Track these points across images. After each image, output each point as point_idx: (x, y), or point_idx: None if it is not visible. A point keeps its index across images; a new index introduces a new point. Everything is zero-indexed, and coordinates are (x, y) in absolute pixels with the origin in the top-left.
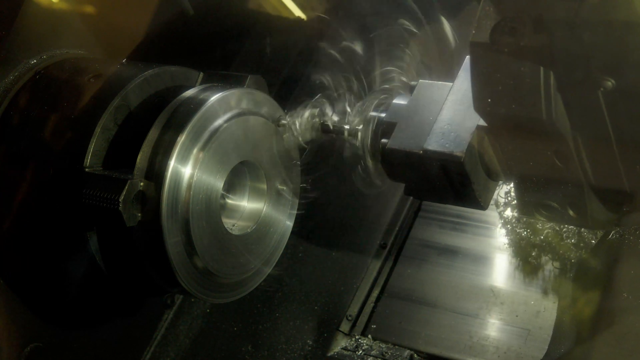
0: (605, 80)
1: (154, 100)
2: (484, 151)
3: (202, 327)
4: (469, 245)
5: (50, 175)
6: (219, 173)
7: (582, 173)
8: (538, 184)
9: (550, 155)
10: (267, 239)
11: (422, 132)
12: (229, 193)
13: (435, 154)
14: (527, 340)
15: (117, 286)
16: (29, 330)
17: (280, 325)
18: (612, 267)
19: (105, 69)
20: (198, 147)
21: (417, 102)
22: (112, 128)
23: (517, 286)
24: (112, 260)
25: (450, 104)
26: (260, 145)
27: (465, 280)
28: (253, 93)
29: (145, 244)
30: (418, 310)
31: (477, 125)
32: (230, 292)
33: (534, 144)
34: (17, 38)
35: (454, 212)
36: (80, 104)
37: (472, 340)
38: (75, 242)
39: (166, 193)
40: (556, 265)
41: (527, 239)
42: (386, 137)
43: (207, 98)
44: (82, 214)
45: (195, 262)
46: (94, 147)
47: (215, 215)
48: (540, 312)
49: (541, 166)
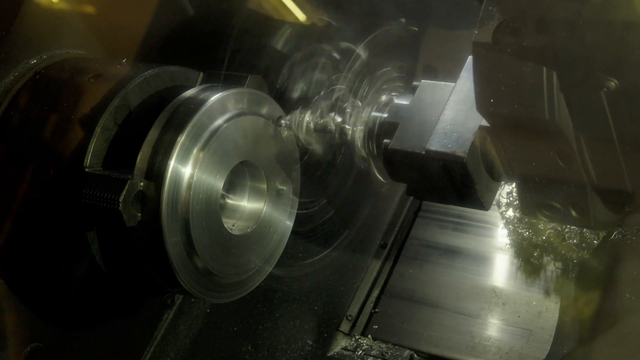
0: (608, 81)
1: (154, 100)
2: (486, 151)
3: (202, 327)
4: (470, 246)
5: (50, 175)
6: (219, 173)
7: (584, 173)
8: (540, 184)
9: (553, 155)
10: (267, 238)
11: (425, 132)
12: (229, 193)
13: (437, 154)
14: (529, 341)
15: (117, 286)
16: (29, 330)
17: (280, 325)
18: (614, 268)
19: (105, 69)
20: (198, 147)
21: (419, 102)
22: (112, 128)
23: (519, 286)
24: (112, 260)
25: (453, 104)
26: (260, 145)
27: (467, 281)
28: (253, 93)
29: (145, 244)
30: (419, 311)
31: (479, 126)
32: (231, 292)
33: (537, 144)
34: (17, 38)
35: (455, 212)
36: (80, 104)
37: (474, 340)
38: (75, 242)
39: (166, 193)
40: (558, 265)
41: (529, 240)
42: (388, 138)
43: (207, 98)
44: (82, 214)
45: (195, 262)
46: (94, 147)
47: (215, 215)
48: (542, 313)
49: (544, 166)
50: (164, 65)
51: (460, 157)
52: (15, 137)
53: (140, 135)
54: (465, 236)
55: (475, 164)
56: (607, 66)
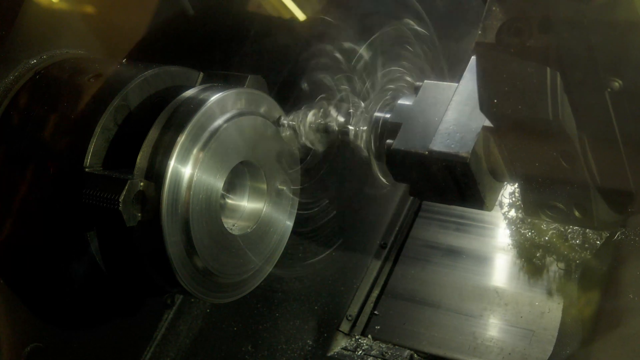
0: (611, 81)
1: (154, 100)
2: (489, 152)
3: (202, 327)
4: (472, 246)
5: (50, 175)
6: (219, 173)
7: (588, 174)
8: (543, 184)
9: (556, 156)
10: (267, 238)
11: (428, 132)
12: (229, 193)
13: (440, 155)
14: (532, 342)
15: (117, 286)
16: (29, 330)
17: (280, 325)
18: (617, 269)
19: (105, 69)
20: (198, 147)
21: (422, 103)
22: (112, 128)
23: (522, 287)
24: (112, 260)
25: (456, 104)
26: (260, 145)
27: (469, 281)
28: (253, 93)
29: (145, 244)
30: (419, 311)
31: (482, 126)
32: (230, 292)
33: (540, 145)
34: (17, 38)
35: (456, 212)
36: (80, 104)
37: (477, 341)
38: (75, 242)
39: (166, 193)
40: (561, 266)
41: (532, 240)
42: (391, 138)
43: (207, 98)
44: (82, 214)
45: (195, 262)
46: (94, 147)
47: (215, 215)
48: (545, 313)
49: (547, 167)
50: (164, 65)
51: (464, 158)
52: (15, 137)
53: (140, 135)
54: (467, 236)
55: (478, 164)
56: (611, 66)
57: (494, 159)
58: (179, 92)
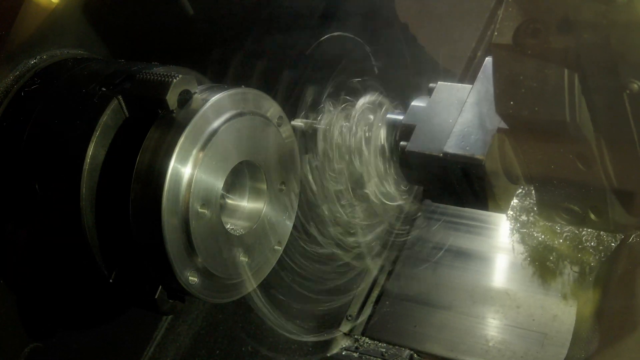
0: (631, 83)
1: None
2: (505, 154)
3: (202, 327)
4: (483, 248)
5: (50, 175)
6: (219, 173)
7: (604, 176)
8: (559, 187)
9: (573, 158)
10: (267, 239)
11: (442, 134)
12: (229, 193)
13: (455, 157)
14: (545, 345)
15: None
16: (29, 330)
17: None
18: (632, 271)
19: (105, 69)
20: (198, 147)
21: (436, 104)
22: (112, 127)
23: (534, 289)
24: (112, 260)
25: (470, 106)
26: (260, 145)
27: (480, 283)
28: (253, 93)
29: (145, 244)
30: (424, 312)
31: (497, 128)
32: (231, 292)
33: (557, 147)
34: (17, 38)
35: (455, 212)
36: (80, 104)
37: (489, 344)
38: (75, 242)
39: (166, 193)
40: (574, 269)
41: (545, 243)
42: (405, 140)
43: (207, 98)
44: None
45: (195, 262)
46: (94, 147)
47: (215, 215)
48: (558, 316)
49: (563, 169)
50: (164, 65)
51: (479, 160)
52: (15, 137)
53: (140, 135)
54: (476, 238)
55: (494, 166)
56: (631, 68)
57: (509, 161)
58: None
